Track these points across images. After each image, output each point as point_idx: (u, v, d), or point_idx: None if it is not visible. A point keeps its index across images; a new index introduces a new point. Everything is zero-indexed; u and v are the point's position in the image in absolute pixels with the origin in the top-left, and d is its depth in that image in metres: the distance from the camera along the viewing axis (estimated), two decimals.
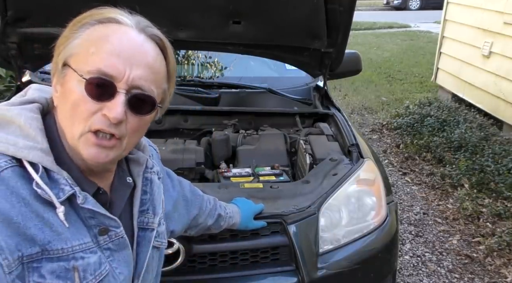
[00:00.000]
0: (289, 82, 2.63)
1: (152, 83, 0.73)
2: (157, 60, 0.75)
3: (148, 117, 0.76)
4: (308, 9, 1.93)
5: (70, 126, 0.71)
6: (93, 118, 0.70)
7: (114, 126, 0.70)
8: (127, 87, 0.70)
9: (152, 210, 0.87)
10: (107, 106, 0.69)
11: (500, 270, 2.66)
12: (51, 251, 0.68)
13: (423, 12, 16.39)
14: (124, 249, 0.80)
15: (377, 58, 8.82)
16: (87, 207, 0.72)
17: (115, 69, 0.69)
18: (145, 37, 0.74)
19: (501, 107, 4.50)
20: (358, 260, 1.58)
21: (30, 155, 0.69)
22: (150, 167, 0.88)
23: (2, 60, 2.14)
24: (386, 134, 4.94)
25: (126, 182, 0.84)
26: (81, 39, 0.71)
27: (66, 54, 0.72)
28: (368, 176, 1.73)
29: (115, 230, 0.77)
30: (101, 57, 0.69)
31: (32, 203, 0.67)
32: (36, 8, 1.91)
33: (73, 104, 0.70)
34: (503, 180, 3.43)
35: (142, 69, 0.71)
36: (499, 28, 4.52)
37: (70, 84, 0.70)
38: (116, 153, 0.74)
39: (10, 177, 0.67)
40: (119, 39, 0.70)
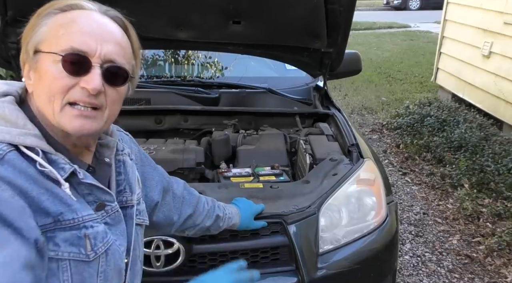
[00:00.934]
0: (289, 82, 2.63)
1: (123, 58, 0.78)
2: (123, 38, 0.80)
3: (123, 89, 0.80)
4: (308, 9, 1.93)
5: (49, 104, 0.74)
6: (72, 91, 0.73)
7: (93, 97, 0.74)
8: (100, 62, 0.74)
9: (129, 189, 0.91)
10: (84, 80, 0.73)
11: (500, 270, 2.66)
12: (63, 221, 0.73)
13: (423, 12, 16.39)
14: (119, 222, 0.85)
15: (377, 58, 8.82)
16: (87, 182, 0.77)
17: (87, 45, 0.73)
18: (108, 18, 0.79)
19: (501, 107, 4.50)
20: (358, 260, 1.58)
21: (26, 140, 0.72)
22: (121, 149, 0.93)
23: (2, 60, 2.14)
24: (386, 134, 4.94)
25: (105, 161, 0.87)
26: (47, 26, 0.75)
27: (35, 41, 0.75)
28: (368, 176, 1.73)
29: (110, 204, 0.82)
30: (72, 37, 0.73)
31: (40, 180, 0.72)
32: (36, 8, 1.91)
33: (51, 83, 0.73)
34: (503, 180, 3.43)
35: (112, 45, 0.76)
36: (499, 28, 4.52)
37: (45, 66, 0.74)
38: (99, 123, 0.78)
39: (14, 158, 0.70)
40: (86, 20, 0.75)
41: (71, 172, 0.75)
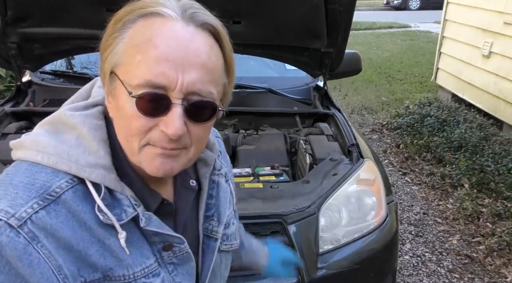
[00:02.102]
0: (289, 82, 2.63)
1: (210, 84, 0.64)
2: (212, 54, 0.64)
3: (212, 122, 0.67)
4: (308, 9, 1.93)
5: (127, 143, 0.66)
6: (151, 133, 0.63)
7: (175, 141, 0.63)
8: (182, 96, 0.61)
9: (217, 217, 0.80)
10: (164, 121, 0.62)
11: (500, 270, 2.66)
12: (113, 277, 0.66)
13: (423, 12, 16.39)
14: (188, 262, 0.76)
15: (377, 58, 8.82)
16: (150, 229, 0.68)
17: (166, 77, 0.60)
18: (194, 28, 0.63)
19: (501, 107, 4.50)
20: (358, 260, 1.58)
21: (92, 174, 0.64)
22: (218, 168, 0.81)
23: (2, 60, 2.14)
24: (386, 134, 4.94)
25: (190, 185, 0.77)
26: (124, 43, 0.63)
27: (112, 62, 0.64)
28: (368, 176, 1.73)
29: (179, 246, 0.73)
30: (148, 66, 0.60)
31: (94, 227, 0.64)
32: (36, 8, 1.91)
33: (127, 121, 0.63)
34: (503, 180, 3.43)
35: (196, 70, 0.62)
36: (499, 28, 4.52)
37: (121, 99, 0.63)
38: (182, 162, 0.67)
39: (71, 199, 0.63)
40: (165, 41, 0.61)
41: (134, 216, 0.66)
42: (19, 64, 2.15)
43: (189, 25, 0.63)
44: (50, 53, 2.25)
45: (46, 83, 2.38)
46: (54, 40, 2.16)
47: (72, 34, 2.06)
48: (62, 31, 2.05)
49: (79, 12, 1.92)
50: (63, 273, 0.61)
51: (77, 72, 2.58)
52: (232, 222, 0.87)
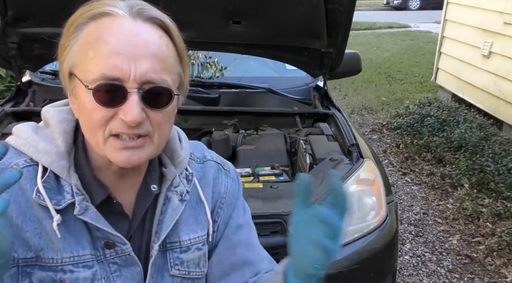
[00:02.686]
0: (289, 82, 2.63)
1: (162, 72, 0.67)
2: (161, 45, 0.67)
3: (170, 108, 0.70)
4: (308, 9, 1.93)
5: (92, 136, 0.68)
6: (112, 123, 0.66)
7: (135, 127, 0.66)
8: (137, 85, 0.65)
9: (158, 233, 0.77)
10: (122, 110, 0.65)
11: (500, 270, 2.66)
12: (44, 259, 0.68)
13: (423, 12, 16.39)
14: (132, 265, 0.75)
15: (377, 58, 8.82)
16: (83, 219, 0.69)
17: (119, 69, 0.63)
18: (142, 22, 0.67)
19: (501, 107, 4.50)
20: (358, 260, 1.58)
21: (43, 158, 0.70)
22: (175, 185, 0.80)
23: (2, 60, 2.14)
24: (386, 134, 4.94)
25: (150, 190, 0.77)
26: (78, 45, 0.67)
27: (69, 64, 0.68)
28: (368, 176, 1.73)
29: (120, 246, 0.73)
30: (101, 61, 0.64)
31: (35, 206, 0.68)
32: (36, 8, 1.91)
33: (89, 115, 0.66)
34: (503, 180, 3.43)
35: (148, 61, 0.65)
36: (499, 28, 4.52)
37: (81, 96, 0.67)
38: (148, 151, 0.69)
39: (24, 177, 0.67)
40: (114, 36, 0.64)
41: (70, 203, 0.69)
42: (19, 64, 2.15)
43: (136, 20, 0.67)
44: (50, 53, 2.25)
45: (46, 83, 2.38)
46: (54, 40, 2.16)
47: None
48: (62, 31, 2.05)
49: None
50: None
51: None
52: (197, 248, 0.82)
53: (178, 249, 0.80)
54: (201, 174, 0.87)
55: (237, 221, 0.91)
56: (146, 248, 0.78)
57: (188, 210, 0.82)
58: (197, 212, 0.84)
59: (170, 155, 0.81)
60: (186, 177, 0.83)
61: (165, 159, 0.81)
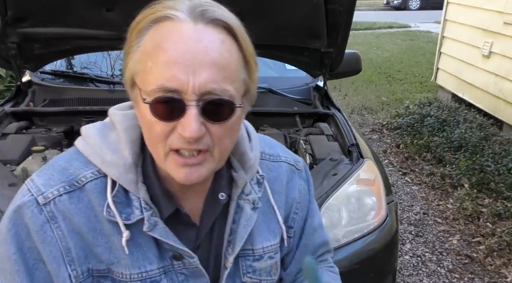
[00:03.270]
0: (289, 82, 2.62)
1: (224, 81, 0.62)
2: (223, 50, 0.62)
3: (233, 120, 0.65)
4: (308, 9, 1.93)
5: (153, 149, 0.67)
6: (171, 138, 0.63)
7: (194, 143, 0.62)
8: (196, 97, 0.60)
9: (233, 245, 0.76)
10: (181, 124, 0.61)
11: (500, 270, 2.66)
12: (114, 272, 0.69)
13: (423, 12, 16.39)
14: (200, 277, 0.74)
15: (377, 58, 8.82)
16: (152, 235, 0.69)
17: (177, 80, 0.60)
18: (203, 26, 0.62)
19: (501, 107, 4.50)
20: (358, 260, 1.58)
21: (111, 171, 0.68)
22: (247, 193, 0.76)
23: (2, 60, 2.14)
24: (386, 134, 4.94)
25: (218, 198, 0.74)
26: (139, 52, 0.64)
27: (131, 71, 0.65)
28: (368, 176, 1.73)
29: (188, 259, 0.72)
30: (159, 72, 0.60)
31: (104, 221, 0.68)
32: (36, 8, 1.91)
33: (149, 128, 0.64)
34: (503, 180, 3.43)
35: (207, 70, 0.60)
36: (499, 28, 4.52)
37: (141, 107, 0.64)
38: (209, 167, 0.66)
39: (92, 190, 0.68)
40: (173, 44, 0.60)
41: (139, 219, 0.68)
42: (19, 64, 2.15)
43: (197, 24, 0.62)
44: (50, 53, 2.25)
45: (46, 83, 2.38)
46: (54, 40, 2.16)
47: (72, 34, 2.06)
48: (62, 31, 2.05)
49: (79, 12, 1.92)
50: (70, 255, 0.67)
51: (77, 72, 2.57)
52: (270, 256, 0.81)
53: (251, 257, 0.79)
54: (274, 174, 0.83)
55: (312, 226, 0.90)
56: (214, 255, 0.77)
57: (261, 217, 0.80)
58: (269, 218, 0.82)
59: (239, 158, 0.78)
60: (257, 181, 0.79)
61: (235, 163, 0.77)
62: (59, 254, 0.66)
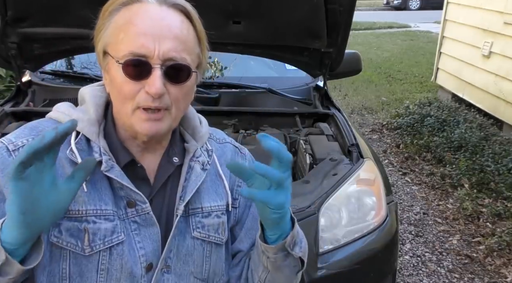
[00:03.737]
0: (289, 82, 2.63)
1: (183, 52, 0.76)
2: (183, 28, 0.77)
3: (189, 84, 0.79)
4: (308, 9, 1.93)
5: (122, 106, 0.78)
6: (138, 96, 0.75)
7: (157, 100, 0.75)
8: (160, 62, 0.74)
9: (183, 196, 0.86)
10: (147, 83, 0.74)
11: (500, 270, 2.66)
12: (71, 210, 0.76)
13: (423, 12, 16.40)
14: (151, 226, 0.82)
15: (377, 58, 8.82)
16: (109, 175, 0.78)
17: (145, 48, 0.73)
18: (167, 8, 0.77)
19: (501, 107, 4.50)
20: (358, 260, 1.57)
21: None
22: (197, 155, 0.89)
23: (2, 60, 2.14)
24: (386, 134, 4.94)
25: (172, 161, 0.87)
26: (110, 27, 0.77)
27: (103, 43, 0.78)
28: (368, 176, 1.73)
29: (140, 204, 0.81)
30: (130, 41, 0.74)
31: (66, 164, 0.77)
32: (36, 8, 1.91)
33: (119, 88, 0.76)
34: (503, 180, 3.43)
35: (170, 41, 0.74)
36: (499, 28, 4.52)
37: (113, 71, 0.77)
38: (167, 123, 0.79)
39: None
40: (141, 19, 0.74)
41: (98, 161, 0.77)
42: (19, 64, 2.15)
43: (162, 6, 0.76)
44: (50, 53, 2.25)
45: (46, 83, 2.38)
46: (54, 40, 2.16)
47: (72, 34, 2.06)
48: (62, 31, 2.05)
49: (79, 12, 1.92)
50: None
51: (77, 72, 2.58)
52: (217, 215, 0.90)
53: (200, 214, 0.88)
54: (220, 152, 0.96)
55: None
56: (166, 213, 0.86)
57: (209, 182, 0.91)
58: (217, 185, 0.92)
59: (191, 132, 0.91)
60: (207, 151, 0.92)
61: (187, 136, 0.91)
62: None
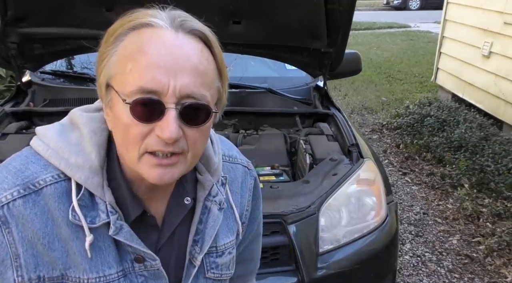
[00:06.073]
0: (289, 82, 2.63)
1: (202, 87, 0.64)
2: (202, 58, 0.65)
3: (207, 125, 0.68)
4: (308, 9, 1.93)
5: (126, 151, 0.67)
6: (147, 140, 0.64)
7: (171, 145, 0.64)
8: (175, 100, 0.62)
9: (201, 244, 0.79)
10: (159, 126, 0.63)
11: (500, 270, 2.66)
12: (70, 277, 0.69)
13: (423, 12, 16.38)
14: (159, 279, 0.76)
15: (377, 58, 8.82)
16: (117, 239, 0.69)
17: (158, 83, 0.61)
18: (183, 35, 0.65)
19: (501, 107, 4.50)
20: (358, 260, 1.58)
21: (76, 174, 0.67)
22: (214, 194, 0.79)
23: (2, 60, 2.14)
24: (386, 134, 4.94)
25: (183, 203, 0.77)
26: (117, 55, 0.65)
27: (107, 75, 0.66)
28: (368, 175, 1.73)
29: (150, 261, 0.73)
30: (140, 74, 0.62)
31: (63, 226, 0.67)
32: (36, 8, 1.91)
33: (124, 129, 0.64)
34: (503, 180, 3.43)
35: (188, 74, 0.62)
36: (499, 28, 4.52)
37: (117, 109, 0.65)
38: (181, 169, 0.68)
39: (51, 194, 0.67)
40: (155, 48, 0.62)
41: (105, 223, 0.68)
42: (19, 64, 2.15)
43: (178, 32, 0.65)
44: (50, 53, 2.25)
45: (46, 83, 2.38)
46: (54, 40, 2.16)
47: (72, 34, 2.06)
48: (62, 31, 2.05)
49: (79, 12, 1.92)
50: (18, 261, 0.66)
51: (77, 72, 2.58)
52: (229, 252, 0.85)
53: (214, 254, 0.82)
54: (232, 175, 0.87)
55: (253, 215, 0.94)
56: (176, 257, 0.79)
57: (222, 218, 0.83)
58: (228, 217, 0.85)
59: (204, 162, 0.79)
60: (221, 183, 0.82)
61: (200, 166, 0.79)
62: (8, 257, 0.65)
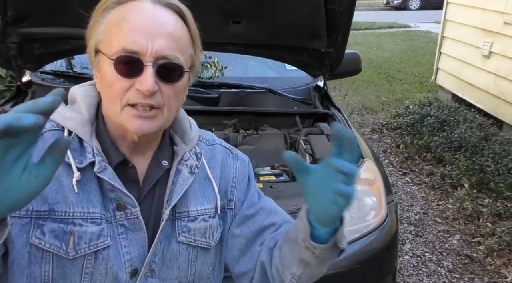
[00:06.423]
0: (289, 82, 2.62)
1: (176, 50, 0.75)
2: (177, 27, 0.76)
3: (180, 84, 0.78)
4: (308, 9, 1.93)
5: (111, 105, 0.76)
6: (129, 93, 0.74)
7: (149, 98, 0.74)
8: (153, 59, 0.73)
9: (169, 200, 0.84)
10: (138, 81, 0.73)
11: (500, 270, 2.66)
12: (57, 212, 0.75)
13: (423, 12, 16.39)
14: (138, 230, 0.81)
15: (377, 58, 8.82)
16: (102, 177, 0.77)
17: (138, 44, 0.72)
18: (161, 7, 0.76)
19: (501, 107, 4.50)
20: (358, 260, 1.58)
21: (68, 123, 0.79)
22: (185, 159, 0.88)
23: (2, 60, 2.14)
24: (386, 134, 4.94)
25: (161, 165, 0.85)
26: (104, 24, 0.76)
27: (95, 41, 0.77)
28: (368, 175, 1.73)
29: (130, 208, 0.80)
30: (123, 37, 0.73)
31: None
32: (36, 8, 1.91)
33: (109, 85, 0.75)
34: (503, 180, 3.43)
35: (164, 39, 0.73)
36: (499, 28, 4.52)
37: (104, 68, 0.76)
38: (158, 123, 0.77)
39: (49, 138, 0.77)
40: (135, 16, 0.74)
41: (91, 161, 0.77)
42: (19, 64, 2.15)
43: (156, 5, 0.76)
44: (50, 53, 2.25)
45: (46, 83, 2.38)
46: (54, 40, 2.16)
47: (72, 34, 2.05)
48: (62, 31, 2.05)
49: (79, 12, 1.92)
50: None
51: (77, 72, 2.58)
52: (203, 219, 0.88)
53: (186, 218, 0.87)
54: (210, 154, 0.94)
55: (252, 200, 0.97)
56: (154, 217, 0.84)
57: (197, 185, 0.89)
58: (205, 188, 0.90)
59: (181, 134, 0.90)
60: (196, 154, 0.90)
61: (176, 138, 0.89)
62: None
